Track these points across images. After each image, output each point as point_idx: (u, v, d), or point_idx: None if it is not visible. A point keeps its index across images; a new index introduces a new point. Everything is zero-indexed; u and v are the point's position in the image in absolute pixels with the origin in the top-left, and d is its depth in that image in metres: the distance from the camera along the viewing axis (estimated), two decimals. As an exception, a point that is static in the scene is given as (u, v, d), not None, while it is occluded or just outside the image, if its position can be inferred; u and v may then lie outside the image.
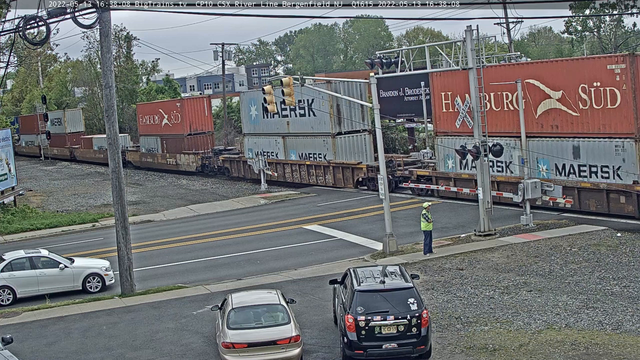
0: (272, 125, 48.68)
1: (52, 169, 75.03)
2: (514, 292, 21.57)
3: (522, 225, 29.63)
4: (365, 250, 28.74)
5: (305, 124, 45.56)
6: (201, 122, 57.69)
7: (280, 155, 48.42)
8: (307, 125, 45.31)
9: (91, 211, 44.69)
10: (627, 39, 75.71)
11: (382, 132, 29.03)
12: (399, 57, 30.91)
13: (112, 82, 24.52)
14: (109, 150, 24.95)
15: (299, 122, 45.99)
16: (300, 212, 38.51)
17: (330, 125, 43.07)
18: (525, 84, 32.04)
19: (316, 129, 44.57)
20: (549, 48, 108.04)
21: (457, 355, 17.17)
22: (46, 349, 19.63)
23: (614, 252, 25.08)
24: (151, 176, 62.10)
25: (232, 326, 17.02)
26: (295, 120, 46.36)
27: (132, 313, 22.41)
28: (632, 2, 45.88)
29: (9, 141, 46.39)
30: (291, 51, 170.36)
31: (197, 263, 29.24)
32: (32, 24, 23.89)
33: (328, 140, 43.38)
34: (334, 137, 43.19)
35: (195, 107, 58.08)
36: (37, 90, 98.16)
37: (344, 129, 43.54)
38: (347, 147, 43.74)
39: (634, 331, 17.88)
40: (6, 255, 26.29)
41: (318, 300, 22.09)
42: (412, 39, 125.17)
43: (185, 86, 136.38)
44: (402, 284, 17.17)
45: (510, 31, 59.04)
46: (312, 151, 45.09)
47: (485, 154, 28.77)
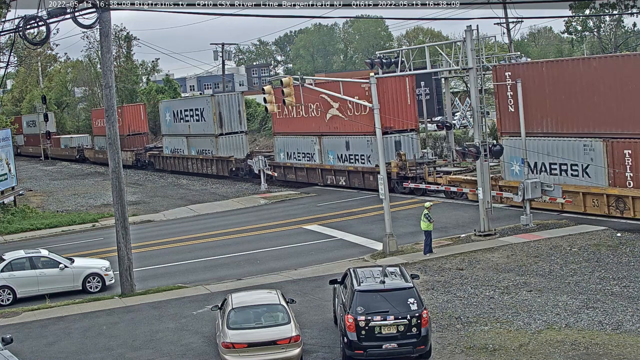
0: (179, 127, 59.70)
1: (52, 169, 75.05)
2: (514, 292, 21.57)
3: (522, 225, 29.63)
4: (365, 250, 28.74)
5: (200, 127, 56.74)
6: (138, 125, 69.61)
7: (185, 151, 59.99)
8: (201, 128, 56.56)
9: (91, 211, 44.69)
10: (627, 39, 75.69)
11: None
12: (399, 57, 30.93)
13: (112, 82, 24.52)
14: (108, 150, 24.94)
15: (196, 126, 57.32)
16: (300, 212, 38.51)
17: (214, 128, 54.88)
18: (320, 98, 39.50)
19: (206, 130, 55.88)
20: (549, 48, 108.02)
21: (457, 355, 17.17)
22: (46, 349, 19.63)
23: (614, 252, 25.08)
24: (151, 176, 62.17)
25: (232, 326, 17.01)
26: (194, 124, 57.58)
27: (132, 313, 22.41)
28: (632, 2, 45.87)
29: (9, 141, 46.39)
30: (291, 51, 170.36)
31: (197, 263, 29.25)
32: (32, 24, 23.88)
33: (213, 140, 55.17)
34: (217, 137, 55.05)
35: (133, 112, 69.91)
36: (37, 90, 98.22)
37: (225, 130, 55.12)
38: (227, 144, 55.21)
39: (634, 331, 17.88)
40: (6, 255, 26.29)
41: (318, 300, 22.09)
42: (412, 39, 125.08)
43: (185, 86, 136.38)
44: (402, 284, 17.17)
45: (510, 31, 59.10)
46: (204, 148, 56.75)
47: (485, 153, 28.78)
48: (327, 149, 44.64)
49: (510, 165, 33.69)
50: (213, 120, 54.56)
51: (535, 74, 32.33)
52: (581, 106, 30.62)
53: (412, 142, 41.69)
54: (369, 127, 35.56)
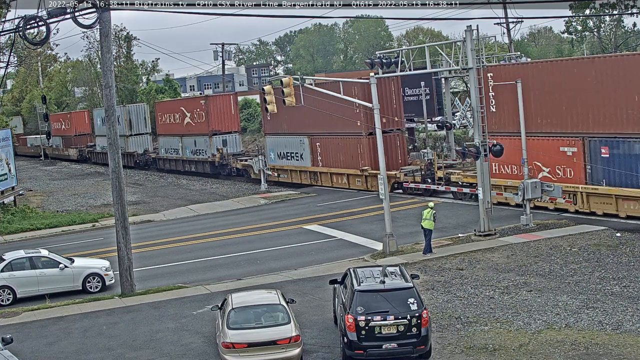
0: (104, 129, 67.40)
1: (52, 169, 75.09)
2: (514, 292, 21.57)
3: (522, 225, 29.63)
4: (365, 250, 28.74)
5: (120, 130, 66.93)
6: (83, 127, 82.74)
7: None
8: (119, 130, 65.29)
9: (91, 211, 44.69)
10: (627, 39, 75.68)
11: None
12: (399, 57, 30.93)
13: (112, 82, 24.52)
14: (109, 150, 24.95)
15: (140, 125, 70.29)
16: (300, 212, 38.51)
17: (126, 129, 67.72)
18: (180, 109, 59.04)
19: (121, 132, 64.04)
20: (549, 48, 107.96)
21: (457, 355, 17.17)
22: (46, 349, 19.63)
23: (614, 252, 25.08)
24: (151, 176, 62.20)
25: (232, 326, 17.01)
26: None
27: (132, 313, 22.41)
28: (632, 2, 45.84)
29: (9, 141, 46.38)
30: (291, 51, 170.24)
31: (197, 263, 29.24)
32: (32, 24, 23.87)
33: (125, 139, 67.25)
34: (127, 138, 67.99)
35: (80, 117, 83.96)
36: (37, 90, 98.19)
37: (134, 132, 68.72)
38: (135, 142, 69.19)
39: (634, 331, 17.88)
40: (6, 255, 26.29)
41: (318, 300, 22.09)
42: (412, 39, 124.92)
43: (185, 86, 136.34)
44: (402, 284, 17.17)
45: (510, 31, 59.10)
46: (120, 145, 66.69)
47: (485, 153, 28.78)
48: (185, 146, 59.70)
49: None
50: (124, 124, 67.35)
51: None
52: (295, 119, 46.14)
53: (235, 140, 57.30)
54: (206, 129, 55.84)
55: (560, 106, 31.41)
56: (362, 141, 41.81)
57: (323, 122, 42.74)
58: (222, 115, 56.10)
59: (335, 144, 44.23)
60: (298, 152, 47.19)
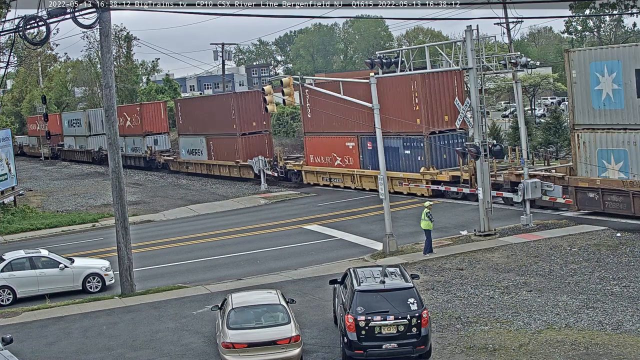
0: (71, 130, 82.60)
1: (52, 169, 75.11)
2: (514, 292, 21.57)
3: (522, 225, 29.63)
4: (365, 250, 28.74)
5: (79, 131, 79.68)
6: (55, 128, 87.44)
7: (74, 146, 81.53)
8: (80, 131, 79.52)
9: (91, 211, 44.68)
10: (627, 39, 75.72)
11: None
12: (399, 57, 30.93)
13: (112, 82, 24.52)
14: (109, 150, 24.93)
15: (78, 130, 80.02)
16: (300, 212, 38.52)
17: (86, 131, 76.96)
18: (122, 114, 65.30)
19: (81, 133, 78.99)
20: (549, 48, 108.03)
21: (457, 355, 17.17)
22: (46, 349, 19.63)
23: (614, 252, 25.08)
24: (151, 176, 62.20)
25: (232, 326, 17.01)
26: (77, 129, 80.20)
27: (132, 313, 22.41)
28: (632, 2, 45.85)
29: (9, 141, 46.37)
30: (291, 51, 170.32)
31: (197, 263, 29.25)
32: (32, 24, 23.87)
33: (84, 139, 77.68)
34: (87, 137, 77.18)
35: (52, 119, 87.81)
36: (37, 90, 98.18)
37: (92, 132, 75.77)
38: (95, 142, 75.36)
39: (634, 331, 17.88)
40: (6, 255, 26.28)
41: (318, 300, 22.09)
42: (412, 39, 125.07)
43: (185, 86, 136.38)
44: (402, 284, 17.16)
45: (510, 31, 59.08)
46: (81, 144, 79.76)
47: (485, 153, 28.78)
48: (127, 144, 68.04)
49: None
50: (84, 126, 76.85)
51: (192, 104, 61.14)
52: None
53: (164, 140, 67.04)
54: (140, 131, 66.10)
55: (346, 115, 40.31)
56: (237, 140, 53.06)
57: (214, 124, 55.59)
58: (153, 119, 66.30)
59: (223, 142, 54.86)
60: (199, 149, 58.30)
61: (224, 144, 54.73)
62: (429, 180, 37.90)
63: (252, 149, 52.09)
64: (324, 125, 45.14)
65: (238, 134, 52.69)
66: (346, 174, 44.12)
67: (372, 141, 39.51)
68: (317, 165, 46.81)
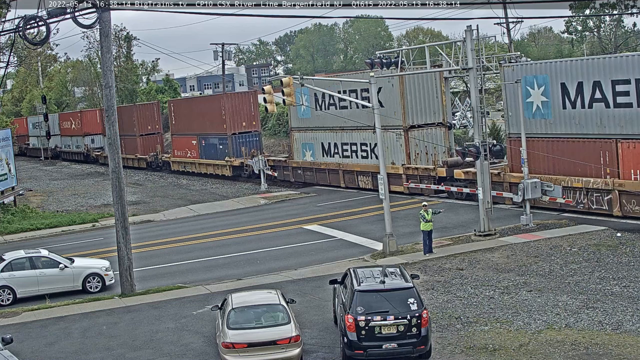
0: (36, 132, 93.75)
1: (52, 169, 75.11)
2: (514, 292, 21.57)
3: (522, 225, 29.63)
4: (365, 250, 28.74)
5: (55, 129, 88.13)
6: (22, 129, 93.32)
7: (37, 145, 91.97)
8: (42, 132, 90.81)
9: (91, 211, 44.67)
10: (627, 39, 75.72)
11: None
12: (399, 57, 30.93)
13: (112, 82, 24.52)
14: (109, 150, 24.93)
15: (55, 129, 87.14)
16: (300, 212, 38.52)
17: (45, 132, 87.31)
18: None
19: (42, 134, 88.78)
20: (549, 48, 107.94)
21: (457, 355, 17.18)
22: (46, 349, 19.63)
23: (614, 252, 25.08)
24: (151, 176, 62.24)
25: (232, 326, 17.02)
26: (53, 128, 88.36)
27: (132, 313, 22.41)
28: (632, 2, 45.85)
29: (9, 141, 46.35)
30: (291, 51, 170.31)
31: (197, 263, 29.25)
32: (32, 24, 23.87)
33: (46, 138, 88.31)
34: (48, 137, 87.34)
35: (20, 122, 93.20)
36: (37, 90, 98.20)
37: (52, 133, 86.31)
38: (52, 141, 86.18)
39: (634, 331, 17.88)
40: (6, 255, 26.28)
41: (318, 300, 22.10)
42: (412, 39, 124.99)
43: (185, 86, 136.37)
44: (402, 284, 17.17)
45: (510, 31, 59.11)
46: (44, 143, 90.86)
47: (485, 153, 28.78)
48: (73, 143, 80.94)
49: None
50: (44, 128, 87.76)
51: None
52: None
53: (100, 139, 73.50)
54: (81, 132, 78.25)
55: (196, 120, 57.07)
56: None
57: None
58: (91, 122, 76.62)
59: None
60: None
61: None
62: (229, 165, 54.09)
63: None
64: (185, 129, 60.58)
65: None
66: (193, 163, 59.40)
67: (205, 139, 57.60)
68: (178, 157, 61.81)
